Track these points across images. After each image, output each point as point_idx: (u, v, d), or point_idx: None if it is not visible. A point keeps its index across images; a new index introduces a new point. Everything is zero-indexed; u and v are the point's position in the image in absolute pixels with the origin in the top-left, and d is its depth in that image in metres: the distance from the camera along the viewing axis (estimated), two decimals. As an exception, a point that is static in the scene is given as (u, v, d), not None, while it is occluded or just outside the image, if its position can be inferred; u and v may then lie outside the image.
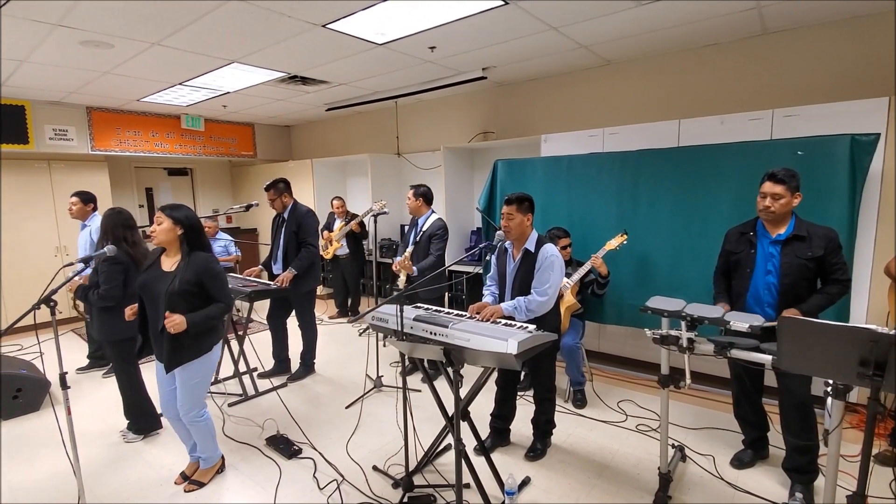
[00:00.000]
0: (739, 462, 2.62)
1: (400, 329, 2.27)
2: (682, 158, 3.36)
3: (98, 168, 5.89)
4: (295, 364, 4.08)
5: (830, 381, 1.80)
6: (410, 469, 2.48)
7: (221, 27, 3.18)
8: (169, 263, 2.36)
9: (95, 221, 3.95)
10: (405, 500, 2.33)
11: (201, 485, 2.55)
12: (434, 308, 2.65)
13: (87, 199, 3.99)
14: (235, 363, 3.68)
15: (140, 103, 5.52)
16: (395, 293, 2.78)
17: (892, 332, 1.37)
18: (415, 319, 2.37)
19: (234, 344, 3.73)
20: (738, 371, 2.52)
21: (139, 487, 2.57)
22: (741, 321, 2.06)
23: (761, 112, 3.31)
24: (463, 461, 2.08)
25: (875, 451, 2.59)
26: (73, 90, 4.85)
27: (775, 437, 2.60)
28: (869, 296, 2.94)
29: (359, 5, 2.90)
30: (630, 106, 4.31)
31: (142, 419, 3.04)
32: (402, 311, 2.27)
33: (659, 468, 2.38)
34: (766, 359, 1.98)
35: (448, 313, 2.54)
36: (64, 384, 2.13)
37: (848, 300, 2.78)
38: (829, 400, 1.89)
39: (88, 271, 2.83)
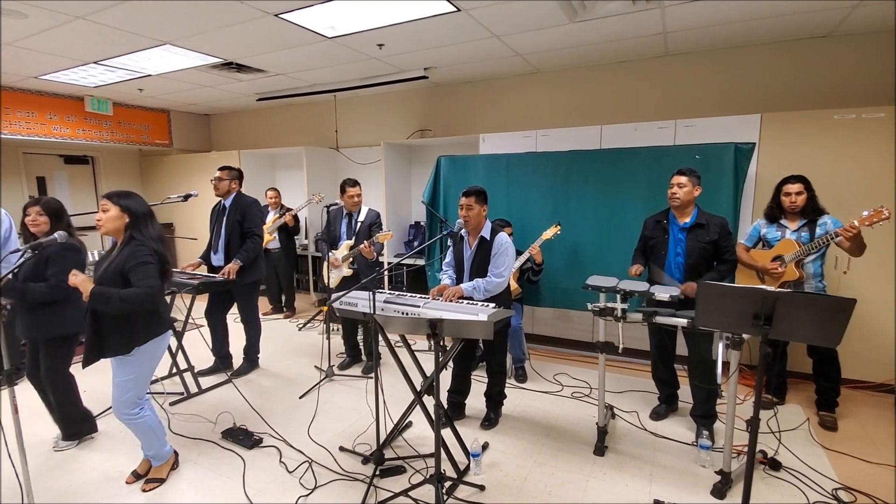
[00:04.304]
0: (657, 415, 3.12)
1: (372, 312, 2.40)
2: (604, 159, 3.84)
3: (-20, 152, 5.15)
4: (237, 360, 3.98)
5: (729, 337, 2.28)
6: (380, 444, 2.62)
7: (164, 6, 3.03)
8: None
9: None
10: (377, 472, 2.47)
11: (161, 481, 2.46)
12: (396, 293, 2.82)
13: None
14: (174, 359, 3.52)
15: (38, 81, 4.92)
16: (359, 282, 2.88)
17: (778, 290, 1.82)
18: (385, 302, 2.53)
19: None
20: (658, 339, 3.00)
21: (88, 491, 2.41)
22: (663, 292, 2.50)
23: (666, 122, 3.91)
24: (433, 427, 2.27)
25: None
26: (-47, 61, 4.22)
27: (682, 394, 3.15)
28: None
29: (317, 0, 2.95)
30: (558, 111, 4.79)
31: (78, 423, 2.82)
32: (374, 295, 2.42)
33: (597, 423, 2.77)
34: (682, 322, 2.45)
35: (412, 296, 2.72)
36: (11, 381, 1.97)
37: (732, 276, 3.42)
38: (720, 361, 2.37)
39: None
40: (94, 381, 3.39)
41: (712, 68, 4.13)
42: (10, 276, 2.27)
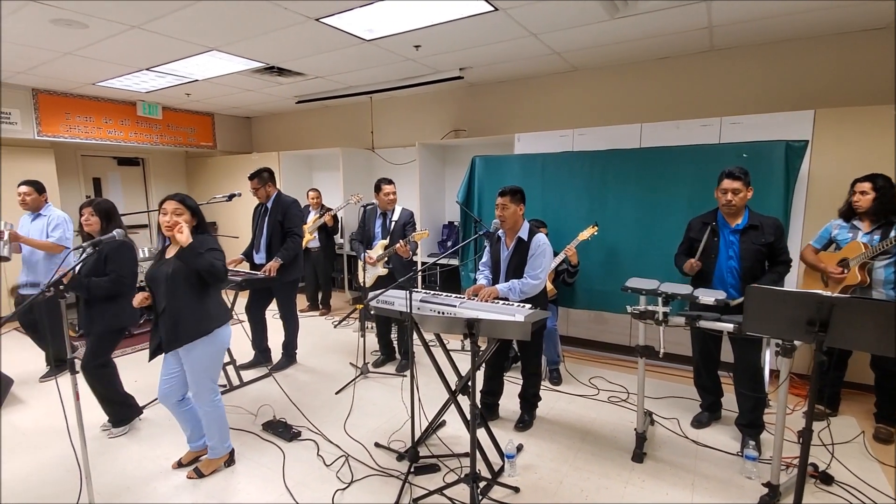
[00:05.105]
0: (699, 423, 3.01)
1: (409, 311, 2.42)
2: (644, 158, 3.74)
3: (43, 155, 5.50)
4: (275, 355, 4.10)
5: (779, 343, 2.18)
6: (415, 441, 2.64)
7: (212, 14, 3.16)
8: (172, 251, 2.37)
9: (52, 212, 3.79)
10: (412, 469, 2.49)
11: (200, 475, 2.52)
12: (432, 292, 2.83)
13: (41, 189, 3.83)
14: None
15: (94, 87, 5.22)
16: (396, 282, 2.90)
17: (834, 295, 1.72)
18: (421, 301, 2.55)
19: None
20: (702, 344, 2.89)
21: (141, 477, 2.54)
22: (708, 296, 2.41)
23: (711, 119, 3.77)
24: (468, 426, 2.27)
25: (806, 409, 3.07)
26: (21, 70, 4.53)
27: (726, 402, 3.03)
28: (797, 276, 3.46)
29: (357, 3, 3.00)
30: (596, 109, 4.70)
31: (125, 409, 2.99)
32: (411, 294, 2.44)
33: (636, 428, 2.70)
34: (728, 327, 2.36)
35: (448, 296, 2.72)
36: (73, 369, 2.10)
37: (783, 279, 3.27)
38: (767, 369, 2.27)
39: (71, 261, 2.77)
40: (143, 374, 3.58)
41: (761, 63, 3.96)
42: (73, 272, 2.44)
